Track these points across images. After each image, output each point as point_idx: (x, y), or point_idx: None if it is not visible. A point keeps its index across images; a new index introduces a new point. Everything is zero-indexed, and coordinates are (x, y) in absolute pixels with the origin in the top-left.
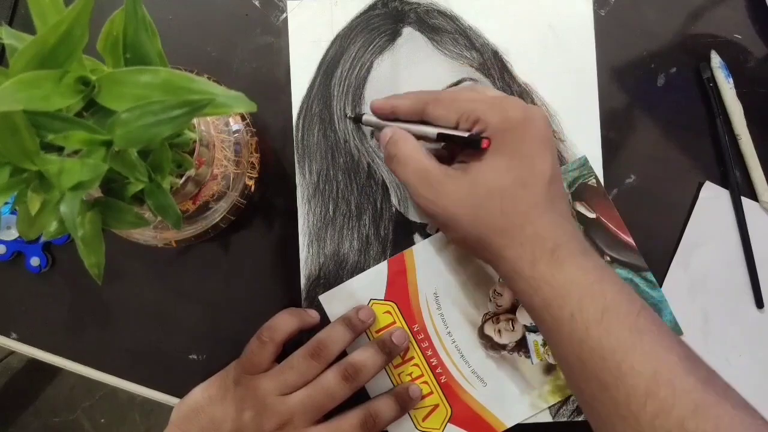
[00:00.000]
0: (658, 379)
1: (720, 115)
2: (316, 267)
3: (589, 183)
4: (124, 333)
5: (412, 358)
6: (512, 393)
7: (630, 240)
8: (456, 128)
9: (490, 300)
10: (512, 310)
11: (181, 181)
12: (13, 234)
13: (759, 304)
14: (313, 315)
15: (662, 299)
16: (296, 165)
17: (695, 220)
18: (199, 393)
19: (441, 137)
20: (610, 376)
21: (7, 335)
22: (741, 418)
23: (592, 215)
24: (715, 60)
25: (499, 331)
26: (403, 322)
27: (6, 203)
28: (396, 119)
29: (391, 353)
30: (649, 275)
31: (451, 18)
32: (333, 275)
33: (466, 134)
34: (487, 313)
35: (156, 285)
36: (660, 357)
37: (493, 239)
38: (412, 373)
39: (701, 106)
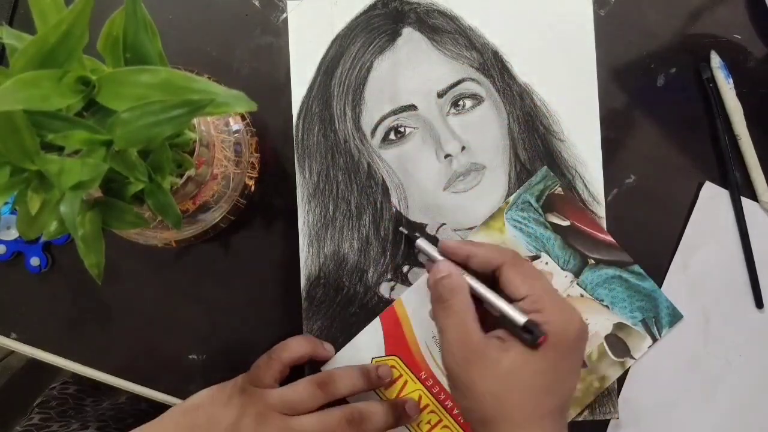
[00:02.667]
0: None
1: (720, 115)
2: (316, 267)
3: (556, 192)
4: (124, 333)
5: (427, 405)
6: None
7: (608, 238)
8: (518, 301)
9: None
10: None
11: (181, 181)
12: (13, 234)
13: (759, 304)
14: (328, 348)
15: (654, 289)
16: (296, 165)
17: (695, 220)
18: (203, 393)
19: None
20: None
21: (7, 335)
22: None
23: (566, 223)
24: (715, 60)
25: None
26: (410, 373)
27: (6, 203)
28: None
29: (400, 419)
30: (636, 268)
31: (451, 18)
32: (333, 275)
33: (524, 319)
34: None
35: (156, 285)
36: None
37: (499, 425)
38: (430, 420)
39: (701, 106)
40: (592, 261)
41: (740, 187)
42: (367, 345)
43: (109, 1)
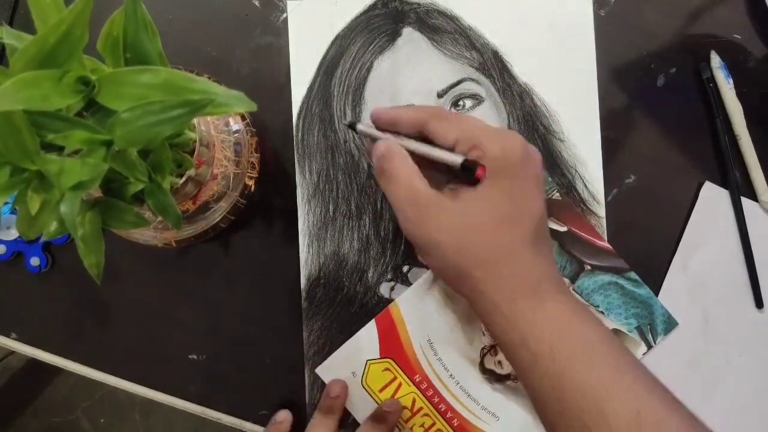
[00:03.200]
0: (641, 420)
1: (720, 116)
2: (316, 267)
3: (554, 197)
4: (124, 333)
5: (421, 408)
6: (526, 420)
7: (605, 244)
8: (453, 149)
9: (484, 333)
10: None
11: (181, 181)
12: (13, 234)
13: (759, 304)
14: (282, 419)
15: (650, 296)
16: (296, 165)
17: (695, 220)
18: None
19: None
20: (591, 418)
21: (7, 335)
22: None
23: (563, 229)
24: (715, 60)
25: (500, 362)
26: (404, 376)
27: (6, 203)
28: (395, 133)
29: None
30: (632, 275)
31: (451, 18)
32: (333, 275)
33: (461, 158)
34: (484, 347)
35: (156, 285)
36: (642, 398)
37: (473, 272)
38: (423, 423)
39: (701, 106)
40: (589, 267)
41: (740, 187)
42: (361, 347)
43: (109, 1)
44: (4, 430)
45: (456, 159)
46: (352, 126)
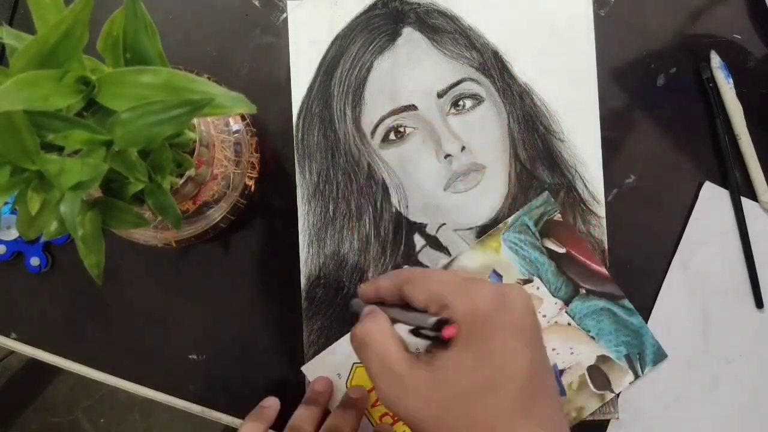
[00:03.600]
0: None
1: (720, 115)
2: (316, 267)
3: (555, 218)
4: (124, 333)
5: None
6: None
7: (602, 269)
8: (426, 312)
9: None
10: None
11: (181, 181)
12: (13, 234)
13: (759, 304)
14: (270, 404)
15: (642, 326)
16: (296, 165)
17: (695, 220)
18: None
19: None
20: None
21: (7, 335)
22: None
23: (562, 250)
24: (715, 60)
25: None
26: None
27: (6, 203)
28: (382, 303)
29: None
30: (626, 302)
31: (451, 18)
32: (333, 275)
33: (431, 321)
34: None
35: (156, 285)
36: None
37: None
38: (405, 431)
39: (701, 106)
40: (584, 291)
41: (740, 187)
42: (348, 350)
43: (109, 1)
44: (4, 430)
45: (428, 321)
46: (349, 308)
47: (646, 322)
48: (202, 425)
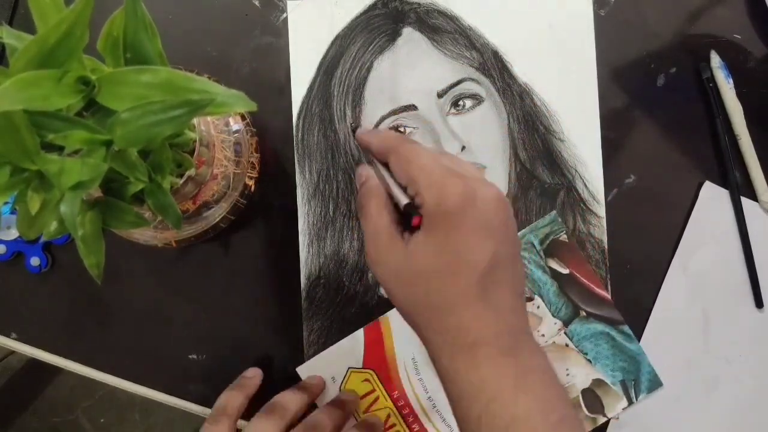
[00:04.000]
0: None
1: (720, 115)
2: (316, 267)
3: (561, 239)
4: (124, 333)
5: (394, 425)
6: None
7: (604, 293)
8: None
9: None
10: None
11: (181, 181)
12: (13, 234)
13: (759, 304)
14: (252, 374)
15: (640, 352)
16: (296, 165)
17: (695, 220)
18: None
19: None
20: None
21: (7, 335)
22: None
23: (565, 271)
24: (715, 60)
25: None
26: (383, 390)
27: (6, 203)
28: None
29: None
30: (626, 328)
31: (451, 18)
32: (333, 275)
33: (404, 202)
34: None
35: (156, 285)
36: None
37: (418, 319)
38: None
39: (701, 106)
40: (584, 313)
41: (740, 187)
42: (346, 354)
43: (109, 1)
44: (5, 430)
45: (401, 201)
46: (354, 129)
47: (646, 322)
48: (202, 425)
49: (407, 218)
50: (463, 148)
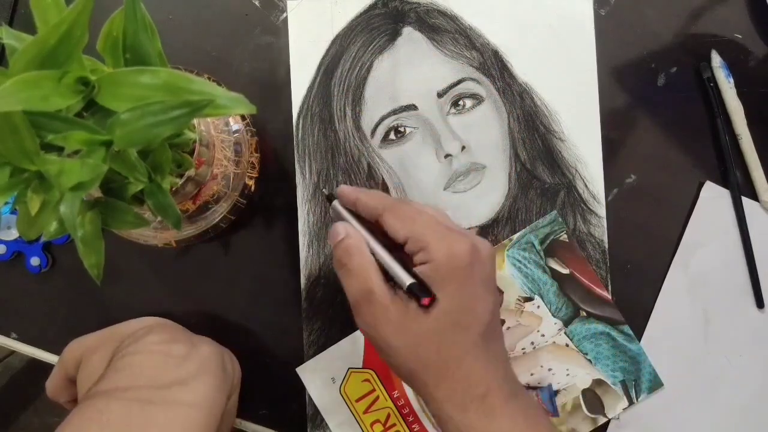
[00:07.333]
0: None
1: (720, 115)
2: (316, 267)
3: (561, 239)
4: None
5: (394, 425)
6: None
7: (605, 293)
8: (404, 246)
9: None
10: None
11: (181, 181)
12: (13, 234)
13: (759, 304)
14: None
15: (640, 352)
16: (296, 165)
17: (695, 220)
18: None
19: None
20: None
21: (7, 335)
22: None
23: (565, 271)
24: (716, 60)
25: None
26: (383, 390)
27: (6, 203)
28: (363, 220)
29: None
30: (626, 328)
31: (451, 18)
32: (333, 275)
33: (408, 282)
34: None
35: (156, 285)
36: None
37: (426, 378)
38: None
39: (701, 106)
40: (584, 313)
41: (740, 187)
42: (346, 354)
43: (109, 1)
44: (5, 429)
45: (405, 281)
46: (329, 198)
47: (647, 322)
48: None
49: (412, 296)
50: (463, 148)
